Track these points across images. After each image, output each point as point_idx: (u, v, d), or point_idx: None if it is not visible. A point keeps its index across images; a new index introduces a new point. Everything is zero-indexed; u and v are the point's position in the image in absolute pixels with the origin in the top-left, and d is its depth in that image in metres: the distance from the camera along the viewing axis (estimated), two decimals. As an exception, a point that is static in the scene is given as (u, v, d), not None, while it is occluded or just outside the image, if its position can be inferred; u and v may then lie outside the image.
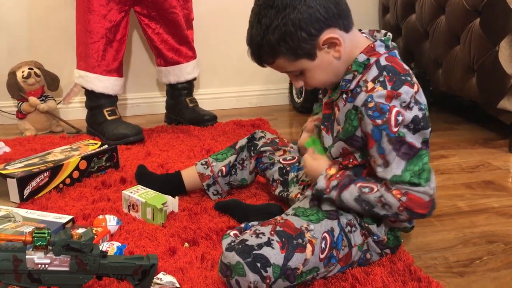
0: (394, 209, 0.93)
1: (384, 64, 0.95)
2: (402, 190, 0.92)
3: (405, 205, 0.92)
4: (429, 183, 0.92)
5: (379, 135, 0.91)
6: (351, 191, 0.96)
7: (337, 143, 1.01)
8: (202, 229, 1.18)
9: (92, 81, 1.93)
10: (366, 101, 0.92)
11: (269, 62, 0.98)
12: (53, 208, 1.32)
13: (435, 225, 1.24)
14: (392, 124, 0.90)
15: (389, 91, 0.91)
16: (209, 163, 1.36)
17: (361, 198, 0.95)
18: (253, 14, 0.95)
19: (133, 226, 1.21)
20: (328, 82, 1.01)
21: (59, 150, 1.58)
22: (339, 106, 1.01)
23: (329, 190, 0.98)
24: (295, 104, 2.45)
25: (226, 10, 2.41)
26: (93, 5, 1.86)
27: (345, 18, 0.95)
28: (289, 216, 1.01)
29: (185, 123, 2.16)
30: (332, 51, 0.95)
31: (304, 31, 0.91)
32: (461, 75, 1.94)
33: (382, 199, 0.93)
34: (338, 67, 0.98)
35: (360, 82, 0.96)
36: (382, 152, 0.92)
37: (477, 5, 1.81)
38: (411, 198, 0.92)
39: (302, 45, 0.92)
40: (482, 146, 1.84)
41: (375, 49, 0.96)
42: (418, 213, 0.93)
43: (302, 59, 0.95)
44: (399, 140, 0.91)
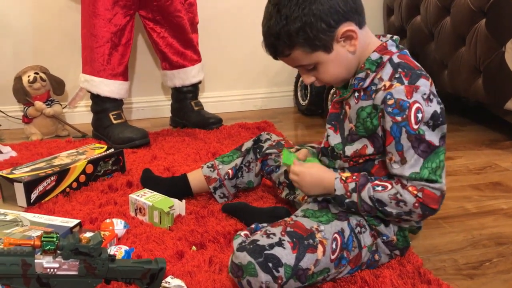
0: (409, 206, 0.93)
1: (398, 62, 0.96)
2: (418, 186, 0.92)
3: (421, 200, 0.92)
4: (443, 177, 0.94)
5: (399, 132, 0.91)
6: (368, 190, 0.96)
7: (360, 140, 1.00)
8: (210, 232, 1.17)
9: (97, 85, 1.93)
10: (385, 99, 0.92)
11: (285, 54, 0.98)
12: (60, 212, 1.33)
13: (443, 227, 1.23)
14: (412, 121, 0.90)
15: (407, 86, 0.91)
16: (215, 166, 1.35)
17: (374, 198, 0.95)
18: (271, 5, 0.96)
19: (140, 229, 1.21)
20: (340, 78, 1.01)
21: (65, 154, 1.58)
22: (350, 104, 1.01)
23: (349, 194, 0.97)
24: (300, 106, 2.45)
25: (231, 14, 2.42)
26: (98, 9, 1.87)
27: (360, 14, 0.96)
28: (299, 217, 1.00)
29: (191, 126, 2.16)
30: (348, 45, 0.96)
31: (324, 22, 0.92)
32: (467, 76, 1.93)
33: (398, 195, 0.93)
34: (351, 62, 0.98)
35: (374, 80, 0.96)
36: (400, 149, 0.92)
37: (482, 5, 1.80)
38: (427, 194, 0.92)
39: (320, 36, 0.93)
40: (488, 147, 1.83)
41: (387, 48, 0.98)
42: (432, 208, 0.93)
43: (318, 51, 0.95)
44: (418, 138, 0.91)
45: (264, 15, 0.98)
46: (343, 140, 1.04)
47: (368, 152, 0.99)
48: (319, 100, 2.28)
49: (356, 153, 1.01)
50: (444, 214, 1.28)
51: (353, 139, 1.02)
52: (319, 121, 2.29)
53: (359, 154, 1.01)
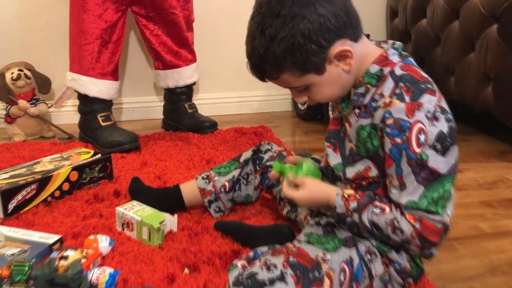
0: (406, 235, 0.83)
1: (400, 74, 0.85)
2: (416, 215, 0.82)
3: (418, 232, 0.82)
4: (446, 210, 0.83)
5: (399, 155, 0.82)
6: (368, 212, 0.87)
7: (362, 161, 0.90)
8: (204, 252, 1.07)
9: (85, 84, 1.82)
10: (384, 117, 0.83)
11: (272, 77, 0.88)
12: (40, 224, 1.21)
13: (457, 250, 1.14)
14: (413, 144, 0.80)
15: (409, 103, 0.81)
16: (211, 177, 1.25)
17: (371, 221, 0.86)
18: (255, 23, 0.85)
19: (127, 247, 1.10)
20: (334, 97, 0.92)
21: (48, 159, 1.47)
22: (351, 121, 0.92)
23: (350, 213, 0.88)
24: (298, 111, 2.35)
25: (228, 12, 2.31)
26: (87, 4, 1.75)
27: (355, 27, 0.86)
28: (302, 243, 0.90)
29: (184, 129, 2.05)
30: (342, 64, 0.86)
31: (314, 43, 0.81)
32: (476, 83, 1.84)
33: (395, 222, 0.83)
34: (346, 81, 0.89)
35: (375, 96, 0.87)
36: (400, 173, 0.83)
37: (494, 10, 1.71)
38: (426, 225, 0.82)
39: (311, 59, 0.83)
40: (498, 159, 1.74)
41: (388, 58, 0.87)
42: (431, 240, 0.83)
43: (309, 73, 0.85)
44: (420, 163, 0.81)
45: (247, 33, 0.87)
46: (344, 161, 0.95)
47: (371, 175, 0.90)
48: (318, 105, 2.18)
49: (359, 176, 0.91)
50: (457, 235, 1.19)
51: (354, 160, 0.92)
52: (318, 126, 2.19)
53: (361, 177, 0.91)
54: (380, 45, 0.91)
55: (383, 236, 0.86)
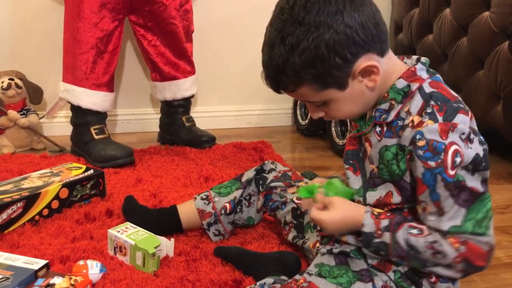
0: (449, 259, 0.77)
1: (430, 91, 0.78)
2: (461, 238, 0.76)
3: (464, 256, 0.76)
4: (490, 230, 0.77)
5: (433, 180, 0.75)
6: (404, 230, 0.79)
7: (383, 185, 0.83)
8: (202, 281, 0.99)
9: (79, 95, 1.74)
10: (414, 139, 0.75)
11: (289, 90, 0.81)
12: (25, 246, 1.13)
13: (475, 281, 1.06)
14: (449, 166, 0.73)
15: (442, 124, 0.74)
16: (211, 198, 1.17)
17: (408, 241, 0.78)
18: (275, 30, 0.77)
19: (119, 274, 1.01)
20: (355, 115, 0.85)
21: (37, 174, 1.38)
22: (371, 141, 0.84)
23: (380, 232, 0.80)
24: (299, 126, 2.27)
25: (229, 23, 2.25)
26: (83, 11, 1.68)
27: (384, 42, 0.79)
28: (313, 276, 0.82)
29: (181, 144, 1.97)
30: (366, 80, 0.79)
31: (339, 56, 0.75)
32: (485, 102, 1.78)
33: (436, 245, 0.77)
34: (370, 98, 0.82)
35: (401, 113, 0.79)
36: (437, 199, 0.75)
37: (506, 27, 1.65)
38: (471, 248, 0.76)
39: (333, 73, 0.76)
40: (507, 182, 1.68)
41: (416, 74, 0.80)
42: (477, 265, 0.77)
43: (330, 88, 0.78)
44: (458, 185, 0.74)
45: (265, 40, 0.80)
46: (364, 184, 0.87)
47: (394, 201, 0.82)
48: (320, 120, 2.09)
49: (380, 202, 0.84)
50: (473, 265, 1.11)
51: (375, 184, 0.84)
52: (320, 142, 2.11)
53: (383, 203, 0.83)
54: (403, 61, 0.85)
55: (419, 260, 0.79)
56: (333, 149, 1.96)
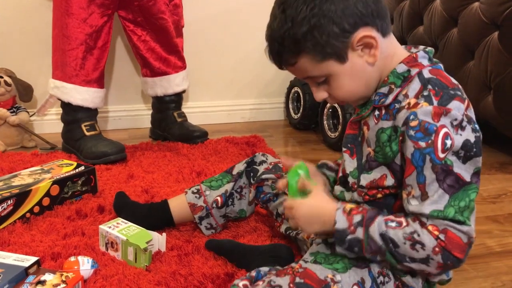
0: (428, 250, 0.74)
1: (428, 77, 0.78)
2: (440, 226, 0.74)
3: (443, 244, 0.73)
4: (472, 220, 0.75)
5: (422, 161, 0.74)
6: (379, 224, 0.77)
7: (378, 168, 0.83)
8: (195, 275, 0.98)
9: (69, 92, 1.73)
10: (407, 119, 0.75)
11: (290, 63, 0.81)
12: (16, 243, 1.12)
13: (466, 270, 1.06)
14: (438, 148, 0.73)
15: (436, 107, 0.74)
16: (202, 192, 1.16)
17: (386, 235, 0.76)
18: (276, 4, 0.81)
19: (111, 269, 1.01)
20: (357, 94, 0.84)
21: (27, 172, 1.37)
22: (369, 124, 0.84)
23: (353, 228, 0.79)
24: (291, 120, 2.27)
25: (219, 18, 2.24)
26: (72, 7, 1.67)
27: (383, 19, 0.80)
28: (309, 263, 0.82)
29: (173, 139, 1.96)
30: (366, 55, 0.79)
31: (337, 25, 0.76)
32: (475, 93, 1.78)
33: (415, 235, 0.74)
34: (370, 76, 0.82)
35: (398, 96, 0.80)
36: (422, 181, 0.75)
37: (495, 17, 1.66)
38: (451, 237, 0.73)
39: (332, 42, 0.77)
40: (499, 172, 1.68)
41: (417, 60, 0.80)
42: (455, 256, 0.74)
43: (330, 60, 0.79)
44: (445, 169, 0.73)
45: (270, 16, 0.82)
46: (360, 167, 0.87)
47: (387, 184, 0.82)
48: (313, 114, 2.11)
49: (373, 184, 0.83)
50: (465, 254, 1.12)
51: (371, 167, 0.84)
52: (312, 136, 2.11)
53: (376, 185, 0.83)
54: (410, 50, 0.85)
55: (396, 255, 0.77)
56: (326, 142, 1.96)
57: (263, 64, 2.31)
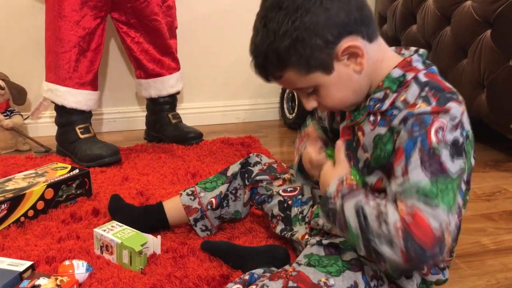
0: (390, 226, 0.68)
1: (425, 80, 0.77)
2: (409, 203, 0.68)
3: (406, 225, 0.67)
4: (450, 213, 0.69)
5: (412, 144, 0.72)
6: (359, 201, 0.74)
7: (375, 172, 0.82)
8: (190, 277, 0.98)
9: (62, 95, 1.72)
10: (405, 118, 0.74)
11: (276, 76, 0.81)
12: (11, 248, 1.12)
13: (461, 268, 1.07)
14: (431, 135, 0.71)
15: (435, 107, 0.73)
16: (196, 193, 1.16)
17: (360, 210, 0.73)
18: (258, 18, 0.79)
19: (106, 273, 1.01)
20: (347, 102, 0.83)
21: (21, 176, 1.37)
22: (364, 130, 0.83)
23: (336, 198, 0.77)
24: (286, 120, 2.27)
25: (213, 19, 2.24)
26: (64, 10, 1.66)
27: (368, 26, 0.78)
28: (302, 266, 0.82)
29: (167, 141, 1.96)
30: (353, 64, 0.78)
31: (320, 38, 0.74)
32: (469, 91, 1.79)
33: (381, 207, 0.71)
34: (359, 84, 0.81)
35: (396, 102, 0.78)
36: (407, 164, 0.72)
37: (488, 15, 1.66)
38: (417, 221, 0.67)
39: (316, 55, 0.76)
40: (493, 169, 1.69)
41: (411, 64, 0.79)
42: (419, 245, 0.66)
43: (316, 72, 0.78)
44: (432, 156, 0.71)
45: (253, 30, 0.81)
46: (363, 173, 0.86)
47: (383, 186, 0.81)
48: (307, 113, 2.10)
49: (372, 188, 0.83)
50: (460, 252, 1.12)
51: (369, 172, 0.83)
52: (307, 136, 2.12)
53: (374, 189, 0.83)
54: (401, 52, 0.84)
55: (362, 233, 0.71)
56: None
57: (257, 65, 2.33)
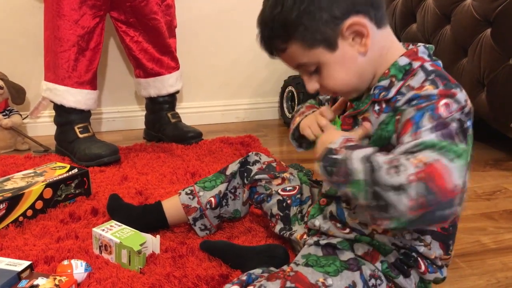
0: (403, 174, 0.62)
1: (432, 69, 0.77)
2: (423, 157, 0.63)
3: (420, 173, 0.61)
4: (464, 170, 0.64)
5: (421, 115, 0.70)
6: (365, 152, 0.69)
7: None
8: (189, 277, 0.98)
9: (61, 94, 1.72)
10: (410, 99, 0.73)
11: (280, 48, 0.81)
12: (9, 248, 1.11)
13: (461, 268, 1.06)
14: (440, 108, 0.70)
15: (442, 90, 0.72)
16: (195, 193, 1.16)
17: (368, 159, 0.67)
18: None
19: (105, 272, 1.00)
20: (349, 86, 0.82)
21: (20, 175, 1.36)
22: (371, 121, 0.81)
23: (340, 150, 0.72)
24: (286, 119, 2.27)
25: (213, 18, 2.23)
26: (63, 9, 1.66)
27: (377, 9, 0.78)
28: (300, 266, 0.82)
29: (167, 140, 1.96)
30: (358, 45, 0.78)
31: (327, 12, 0.75)
32: (469, 90, 1.78)
33: (395, 161, 0.64)
34: (362, 67, 0.80)
35: (402, 89, 0.77)
36: (417, 130, 0.69)
37: (488, 14, 1.66)
38: (435, 168, 0.61)
39: (322, 29, 0.76)
40: (494, 168, 1.68)
41: (418, 54, 0.79)
42: (432, 192, 0.60)
43: (319, 47, 0.78)
44: (442, 123, 0.68)
45: (263, 3, 0.82)
46: None
47: None
48: (307, 113, 2.10)
49: None
50: (460, 251, 1.12)
51: None
52: (307, 135, 2.11)
53: None
54: (408, 47, 0.84)
55: (370, 180, 0.65)
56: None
57: (257, 64, 2.33)
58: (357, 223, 0.86)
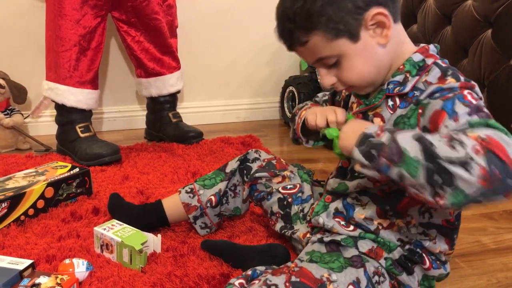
0: (468, 147, 0.62)
1: (446, 66, 0.80)
2: (479, 132, 0.64)
3: (484, 143, 0.62)
4: None
5: (451, 103, 0.71)
6: (413, 132, 0.69)
7: None
8: (190, 276, 0.98)
9: (63, 93, 1.72)
10: (434, 91, 0.76)
11: (302, 41, 0.81)
12: (11, 246, 1.12)
13: (461, 268, 1.07)
14: (465, 95, 0.73)
15: (463, 83, 0.75)
16: (195, 191, 1.16)
17: (420, 138, 0.66)
18: None
19: (106, 271, 1.01)
20: (367, 78, 0.82)
21: (21, 174, 1.37)
22: (384, 116, 0.83)
23: (380, 133, 0.71)
24: (286, 119, 2.27)
25: (213, 18, 2.23)
26: (65, 9, 1.66)
27: (395, 3, 0.80)
28: (304, 262, 0.82)
29: (168, 140, 1.96)
30: (378, 36, 0.79)
31: (350, 2, 0.76)
32: (469, 90, 1.79)
33: (453, 134, 0.65)
34: (381, 59, 0.81)
35: (418, 85, 0.79)
36: (454, 115, 0.70)
37: (489, 15, 1.66)
38: (496, 142, 0.62)
39: (345, 18, 0.77)
40: (494, 169, 1.68)
41: (429, 52, 0.82)
42: (500, 159, 0.61)
43: (342, 38, 0.78)
44: (475, 107, 0.70)
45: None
46: None
47: None
48: (308, 113, 2.10)
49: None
50: (460, 251, 1.12)
51: None
52: (307, 135, 2.11)
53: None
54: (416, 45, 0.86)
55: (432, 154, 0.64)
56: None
57: (258, 64, 2.33)
58: (363, 219, 0.87)
